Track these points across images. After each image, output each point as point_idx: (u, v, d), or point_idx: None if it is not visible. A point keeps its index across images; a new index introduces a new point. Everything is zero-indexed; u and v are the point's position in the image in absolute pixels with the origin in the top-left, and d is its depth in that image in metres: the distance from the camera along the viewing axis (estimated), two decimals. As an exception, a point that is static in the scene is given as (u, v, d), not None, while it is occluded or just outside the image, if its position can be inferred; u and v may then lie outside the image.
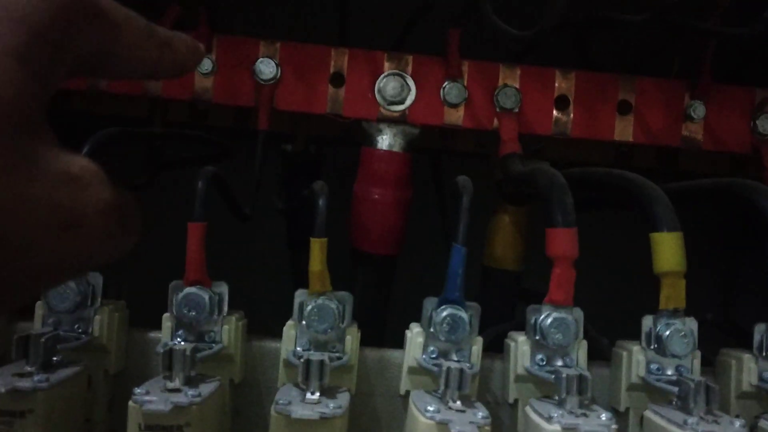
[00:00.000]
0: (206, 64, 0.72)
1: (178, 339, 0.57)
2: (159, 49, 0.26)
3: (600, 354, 0.65)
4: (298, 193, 0.81)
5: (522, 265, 0.82)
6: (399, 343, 0.62)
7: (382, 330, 0.77)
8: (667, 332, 0.57)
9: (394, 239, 0.76)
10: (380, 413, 0.62)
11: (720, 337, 0.71)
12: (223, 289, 0.58)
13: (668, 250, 0.56)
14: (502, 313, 0.80)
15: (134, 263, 0.59)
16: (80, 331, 0.58)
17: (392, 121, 0.74)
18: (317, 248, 0.57)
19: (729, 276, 1.05)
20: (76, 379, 0.55)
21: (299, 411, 0.49)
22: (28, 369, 0.52)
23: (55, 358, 0.54)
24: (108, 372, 0.59)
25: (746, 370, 0.58)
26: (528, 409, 0.54)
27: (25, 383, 0.49)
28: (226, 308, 0.58)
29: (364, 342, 0.64)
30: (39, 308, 0.58)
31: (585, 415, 0.51)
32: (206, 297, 0.56)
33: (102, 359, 0.59)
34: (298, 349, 0.57)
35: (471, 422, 0.49)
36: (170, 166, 0.88)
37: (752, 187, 0.60)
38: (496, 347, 0.64)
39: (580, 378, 0.53)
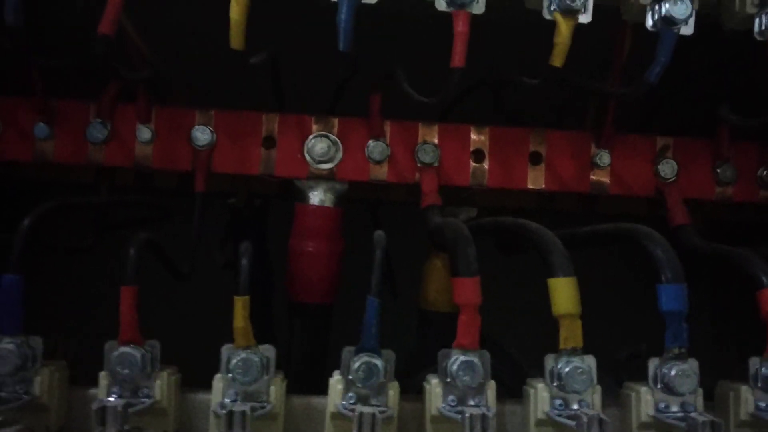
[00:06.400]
0: (146, 133, 0.78)
1: (114, 395, 0.61)
2: None
3: None
4: None
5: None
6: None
7: (321, 377, 0.81)
8: (567, 369, 0.62)
9: (329, 288, 0.81)
10: (308, 458, 0.66)
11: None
12: (156, 346, 0.62)
13: (563, 294, 0.62)
14: (437, 353, 0.84)
15: (83, 324, 0.63)
16: (22, 392, 0.61)
17: (322, 178, 0.80)
18: (240, 306, 0.62)
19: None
20: None
21: (219, 459, 0.53)
22: None
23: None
24: (49, 429, 0.62)
25: (743, 400, 0.63)
26: (438, 448, 0.59)
27: None
28: (158, 364, 0.62)
29: (305, 389, 0.68)
30: None
31: (486, 450, 0.56)
32: (139, 355, 0.61)
33: (43, 418, 0.62)
34: (226, 400, 0.62)
35: (379, 462, 0.53)
36: (115, 228, 0.92)
37: (645, 234, 0.66)
38: None
39: (483, 417, 0.57)
